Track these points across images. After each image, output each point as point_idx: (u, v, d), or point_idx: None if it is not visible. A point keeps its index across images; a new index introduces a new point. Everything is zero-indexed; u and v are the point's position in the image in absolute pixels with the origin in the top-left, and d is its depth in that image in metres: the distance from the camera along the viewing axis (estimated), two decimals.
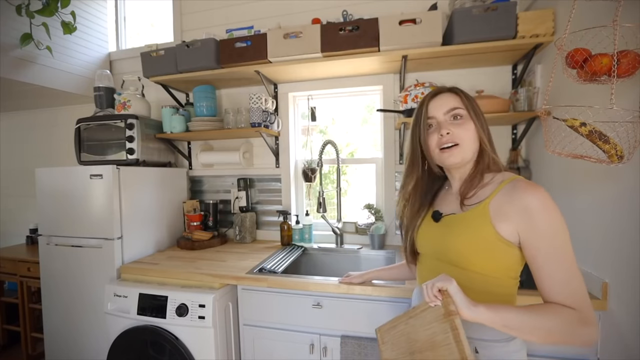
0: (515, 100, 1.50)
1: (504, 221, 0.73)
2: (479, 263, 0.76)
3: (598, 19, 0.91)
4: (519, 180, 0.75)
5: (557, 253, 0.69)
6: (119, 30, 2.49)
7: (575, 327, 0.65)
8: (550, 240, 0.69)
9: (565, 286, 0.68)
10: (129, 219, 1.69)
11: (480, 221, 0.75)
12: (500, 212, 0.73)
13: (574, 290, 0.68)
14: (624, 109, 0.83)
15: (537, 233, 0.70)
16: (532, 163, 1.61)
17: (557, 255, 0.69)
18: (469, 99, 0.83)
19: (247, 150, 2.07)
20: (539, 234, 0.69)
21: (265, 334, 1.42)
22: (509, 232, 0.72)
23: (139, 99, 1.93)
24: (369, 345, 1.26)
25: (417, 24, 1.47)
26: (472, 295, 0.70)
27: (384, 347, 0.82)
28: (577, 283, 0.68)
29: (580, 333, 0.65)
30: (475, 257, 0.76)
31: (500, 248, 0.73)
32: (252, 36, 1.70)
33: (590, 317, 0.66)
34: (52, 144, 2.59)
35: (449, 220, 0.83)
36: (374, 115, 2.07)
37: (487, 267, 0.76)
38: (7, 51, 1.78)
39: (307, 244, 1.93)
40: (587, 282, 1.12)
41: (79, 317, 1.72)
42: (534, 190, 0.71)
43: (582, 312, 0.66)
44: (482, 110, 0.84)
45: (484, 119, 0.83)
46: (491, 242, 0.74)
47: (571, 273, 0.68)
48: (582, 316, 0.66)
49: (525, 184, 0.73)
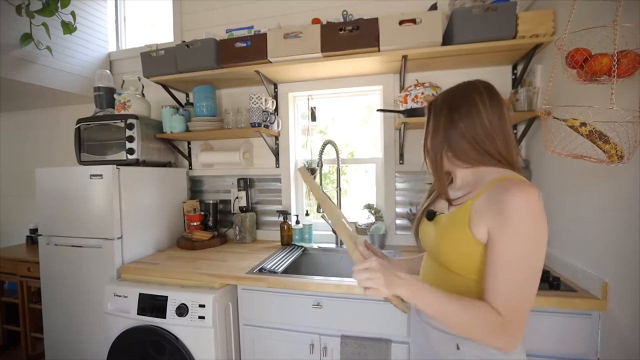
0: (515, 100, 1.49)
1: (479, 223, 0.71)
2: (460, 265, 0.75)
3: (598, 19, 0.91)
4: (507, 179, 0.71)
5: (512, 258, 0.66)
6: (119, 30, 2.49)
7: (492, 332, 0.66)
8: (511, 243, 0.66)
9: (504, 294, 0.66)
10: (129, 219, 1.69)
11: (461, 222, 0.74)
12: (478, 214, 0.71)
13: (511, 301, 0.66)
14: (624, 109, 0.83)
15: (501, 231, 0.66)
16: (532, 163, 1.61)
17: (511, 260, 0.66)
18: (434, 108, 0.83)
19: (247, 150, 2.07)
20: (504, 232, 0.66)
21: (265, 334, 1.42)
22: (482, 234, 0.70)
23: (139, 99, 1.93)
24: (369, 345, 1.26)
25: (417, 24, 1.47)
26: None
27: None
28: (517, 296, 0.66)
29: (496, 339, 0.66)
30: (456, 258, 0.75)
31: (477, 251, 0.72)
32: (252, 36, 1.70)
33: (512, 328, 0.65)
34: (52, 144, 2.59)
35: (438, 220, 0.83)
36: (374, 115, 2.07)
37: (467, 269, 0.74)
38: (7, 51, 1.79)
39: (307, 244, 1.93)
40: (587, 282, 1.13)
41: (79, 317, 1.72)
42: (518, 190, 0.66)
43: (506, 320, 0.65)
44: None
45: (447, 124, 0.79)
46: (469, 245, 0.72)
47: (516, 285, 0.66)
48: (504, 323, 0.65)
49: (510, 183, 0.69)
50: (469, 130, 0.76)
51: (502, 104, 0.78)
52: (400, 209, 1.89)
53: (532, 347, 1.12)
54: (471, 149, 0.77)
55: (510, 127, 0.79)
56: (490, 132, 0.75)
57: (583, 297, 1.09)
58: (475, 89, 0.79)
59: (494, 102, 0.77)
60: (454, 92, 0.83)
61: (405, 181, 1.88)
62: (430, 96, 1.52)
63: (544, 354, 1.12)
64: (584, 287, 1.15)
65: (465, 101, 0.78)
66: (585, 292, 1.12)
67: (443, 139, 0.80)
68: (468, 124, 0.76)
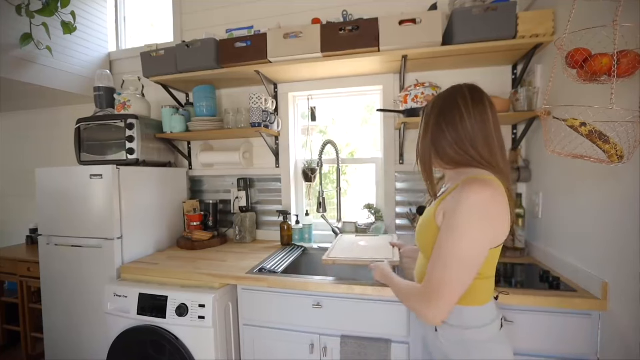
0: (515, 100, 1.50)
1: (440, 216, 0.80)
2: (430, 252, 0.84)
3: (598, 19, 0.91)
4: (472, 179, 0.77)
5: (440, 247, 0.77)
6: (119, 30, 2.49)
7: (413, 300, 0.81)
8: (445, 235, 0.76)
9: (431, 270, 0.78)
10: (129, 219, 1.69)
11: (431, 216, 0.83)
12: (444, 207, 0.80)
13: (432, 276, 0.77)
14: (624, 109, 0.83)
15: (445, 224, 0.77)
16: (532, 163, 1.61)
17: (441, 245, 0.77)
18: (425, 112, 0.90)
19: (247, 150, 2.07)
20: (445, 225, 0.77)
21: (265, 334, 1.42)
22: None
23: (139, 99, 1.93)
24: (369, 345, 1.26)
25: (417, 24, 1.47)
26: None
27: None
28: (439, 273, 0.76)
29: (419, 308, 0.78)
30: (427, 247, 0.85)
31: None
32: (252, 36, 1.70)
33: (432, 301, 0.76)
34: (52, 144, 2.59)
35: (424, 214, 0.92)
36: (374, 115, 2.07)
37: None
38: (7, 51, 1.78)
39: (307, 244, 1.93)
40: (587, 282, 1.13)
41: (79, 317, 1.72)
42: (474, 190, 0.74)
43: (426, 292, 0.77)
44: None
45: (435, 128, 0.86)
46: (434, 234, 0.81)
47: (441, 264, 0.76)
48: (424, 294, 0.78)
49: (472, 183, 0.76)
50: (451, 134, 0.82)
51: (486, 108, 0.83)
52: (400, 209, 1.89)
53: (532, 347, 1.12)
54: (453, 152, 0.83)
55: (494, 130, 0.83)
56: (472, 136, 0.81)
57: (583, 297, 1.09)
58: (460, 93, 0.85)
59: (477, 106, 0.82)
60: (441, 96, 0.89)
61: (405, 181, 1.88)
62: (430, 96, 1.52)
63: (544, 354, 1.12)
64: (584, 287, 1.15)
65: (450, 105, 0.84)
66: (585, 292, 1.12)
67: (430, 142, 0.87)
68: (450, 129, 0.82)
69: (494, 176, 0.80)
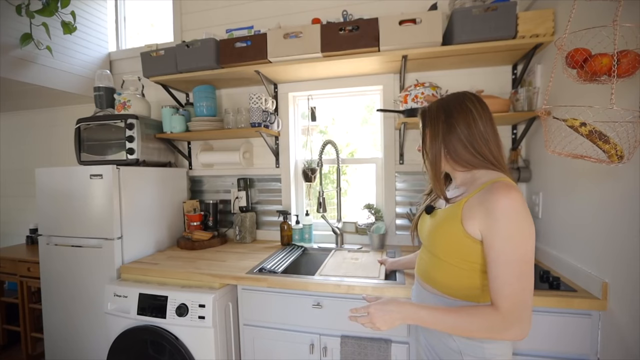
0: (515, 100, 1.49)
1: (471, 219, 0.79)
2: (449, 254, 0.85)
3: (598, 19, 0.92)
4: (497, 183, 0.78)
5: (506, 255, 0.74)
6: (119, 30, 2.49)
7: (495, 330, 0.73)
8: (503, 242, 0.74)
9: (503, 288, 0.73)
10: (129, 219, 1.70)
11: (453, 217, 0.83)
12: (470, 211, 0.80)
13: (508, 293, 0.73)
14: (624, 109, 0.83)
15: (493, 232, 0.75)
16: (532, 163, 1.61)
17: (505, 258, 0.74)
18: (427, 116, 0.91)
19: (247, 150, 2.07)
20: (495, 233, 0.75)
21: (265, 334, 1.42)
22: (474, 229, 0.79)
23: (139, 99, 1.93)
24: (369, 345, 1.26)
25: (417, 24, 1.47)
26: (446, 282, 0.86)
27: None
28: (513, 288, 0.73)
29: (501, 334, 0.73)
30: (447, 248, 0.85)
31: (466, 243, 0.81)
32: (252, 36, 1.70)
33: (514, 319, 0.72)
34: (52, 144, 2.59)
35: (435, 214, 0.92)
36: (374, 115, 2.07)
37: (456, 259, 0.84)
38: (7, 51, 1.78)
39: (307, 244, 1.93)
40: (587, 282, 1.13)
41: (79, 317, 1.72)
42: (505, 193, 0.75)
43: (506, 314, 0.72)
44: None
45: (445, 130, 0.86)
46: (459, 238, 0.81)
47: (513, 277, 0.73)
48: (504, 319, 0.72)
49: (499, 187, 0.76)
50: (465, 134, 0.84)
51: (491, 112, 0.88)
52: (400, 209, 1.89)
53: (532, 347, 1.12)
54: (467, 152, 0.85)
55: (498, 134, 0.88)
56: (485, 136, 0.84)
57: (583, 297, 1.09)
58: (468, 98, 0.88)
59: (485, 110, 0.86)
60: (448, 100, 0.90)
61: (405, 181, 1.88)
62: (430, 96, 1.52)
63: (544, 354, 1.12)
64: (584, 287, 1.15)
65: (461, 108, 0.86)
66: (585, 292, 1.12)
67: (442, 143, 0.87)
68: (465, 129, 0.84)
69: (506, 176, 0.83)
